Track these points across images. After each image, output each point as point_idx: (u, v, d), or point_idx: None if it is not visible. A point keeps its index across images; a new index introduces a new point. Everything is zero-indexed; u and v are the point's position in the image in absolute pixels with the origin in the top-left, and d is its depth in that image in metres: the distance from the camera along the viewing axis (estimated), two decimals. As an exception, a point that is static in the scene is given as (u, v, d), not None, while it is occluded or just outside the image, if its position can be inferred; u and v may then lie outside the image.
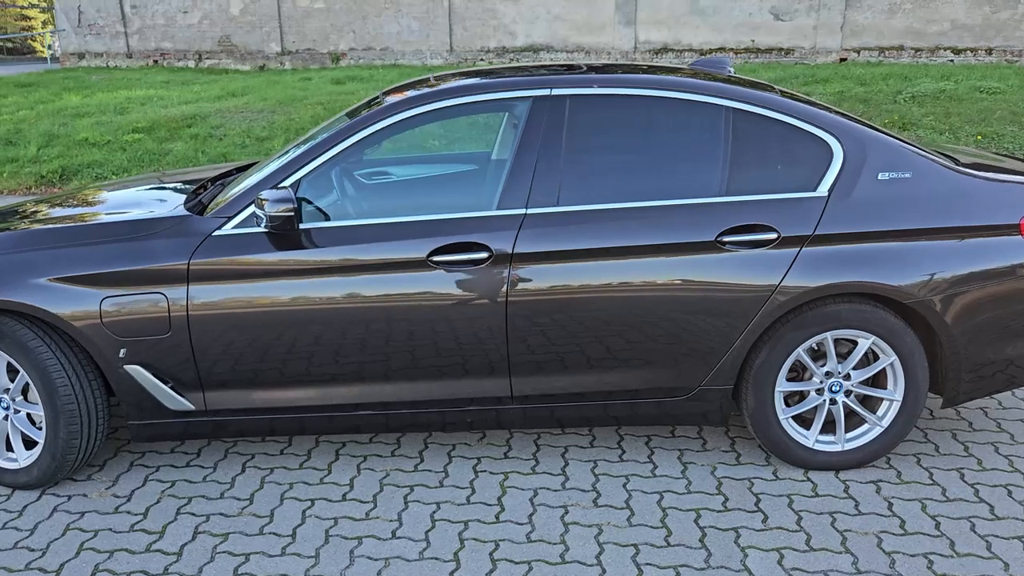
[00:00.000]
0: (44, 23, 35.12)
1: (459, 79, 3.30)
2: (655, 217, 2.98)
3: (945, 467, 3.21)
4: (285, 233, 2.93)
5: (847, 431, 3.19)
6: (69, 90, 14.05)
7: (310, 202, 3.07)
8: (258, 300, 2.94)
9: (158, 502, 3.04)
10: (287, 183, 3.00)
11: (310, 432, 3.19)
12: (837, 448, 3.17)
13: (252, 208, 2.98)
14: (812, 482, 3.12)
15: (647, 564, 2.67)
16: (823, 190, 3.02)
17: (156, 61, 19.17)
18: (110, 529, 2.88)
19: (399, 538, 2.81)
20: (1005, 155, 3.72)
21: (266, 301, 2.94)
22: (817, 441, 3.18)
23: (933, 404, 3.67)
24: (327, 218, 3.06)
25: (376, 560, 2.70)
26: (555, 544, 2.77)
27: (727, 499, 3.02)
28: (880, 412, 3.16)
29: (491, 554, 2.73)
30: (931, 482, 3.11)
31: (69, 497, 3.08)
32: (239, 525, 2.90)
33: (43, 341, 2.94)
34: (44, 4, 33.92)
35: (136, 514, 2.97)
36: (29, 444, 3.13)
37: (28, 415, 3.09)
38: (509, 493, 3.08)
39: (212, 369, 3.01)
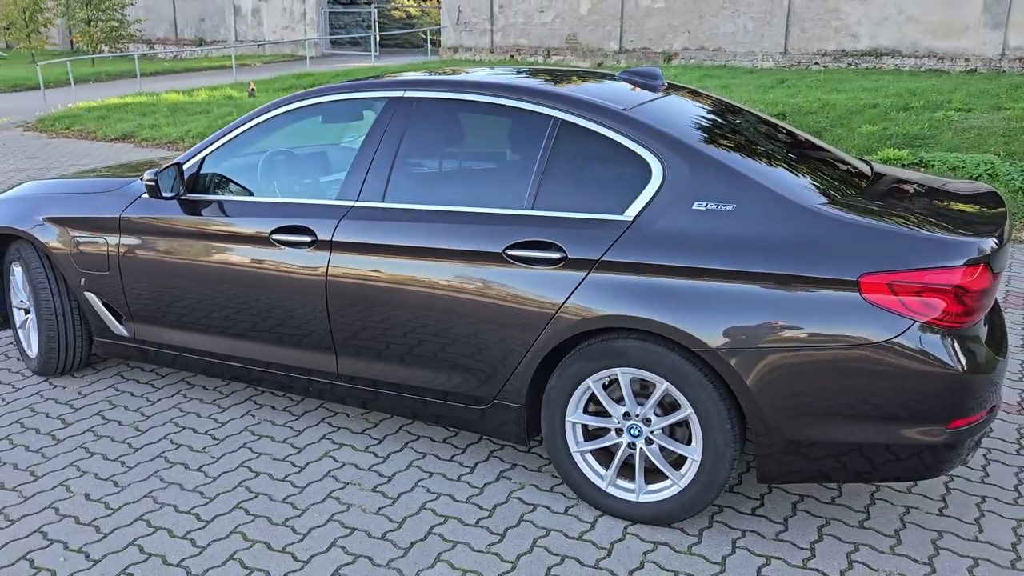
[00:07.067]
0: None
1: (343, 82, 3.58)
2: (452, 222, 2.99)
3: (767, 552, 2.75)
4: (157, 200, 3.52)
5: (651, 483, 2.89)
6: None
7: (225, 177, 3.60)
8: (155, 253, 3.57)
9: (96, 403, 3.85)
10: (191, 161, 3.57)
11: (207, 373, 3.74)
12: (632, 498, 2.89)
13: None
14: (595, 527, 2.89)
15: (340, 546, 2.79)
16: (630, 214, 2.78)
17: (512, 56, 21.08)
18: (45, 414, 3.74)
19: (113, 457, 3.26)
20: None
21: (158, 254, 3.57)
22: (613, 485, 2.92)
23: (872, 488, 3.08)
24: (207, 192, 3.55)
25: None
26: (297, 510, 3.00)
27: (489, 516, 2.96)
28: (683, 470, 2.81)
29: (239, 503, 3.05)
30: (716, 562, 2.70)
31: (55, 386, 4.03)
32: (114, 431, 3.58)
33: (40, 263, 3.89)
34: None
35: (75, 408, 3.80)
36: (44, 342, 4.14)
37: (40, 320, 4.10)
38: (323, 461, 3.33)
39: (136, 305, 3.71)
